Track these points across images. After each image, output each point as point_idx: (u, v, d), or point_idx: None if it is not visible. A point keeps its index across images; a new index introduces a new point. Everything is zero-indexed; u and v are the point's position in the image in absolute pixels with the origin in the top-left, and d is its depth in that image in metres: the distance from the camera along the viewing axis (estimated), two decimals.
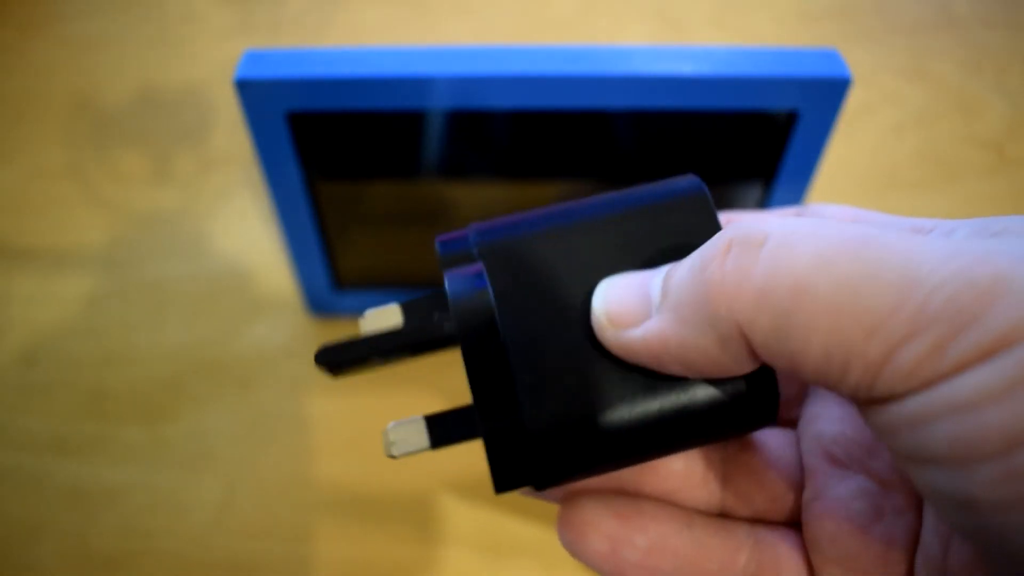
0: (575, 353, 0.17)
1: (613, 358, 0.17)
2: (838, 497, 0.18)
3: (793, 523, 0.19)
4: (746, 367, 0.15)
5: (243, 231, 0.37)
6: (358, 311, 0.34)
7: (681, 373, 0.16)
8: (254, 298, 0.34)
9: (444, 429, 0.18)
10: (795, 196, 0.28)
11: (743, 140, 0.27)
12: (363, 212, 0.30)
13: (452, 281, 0.17)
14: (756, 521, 0.19)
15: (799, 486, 0.19)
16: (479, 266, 0.17)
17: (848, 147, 0.40)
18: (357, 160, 0.28)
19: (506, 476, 0.17)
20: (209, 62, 0.44)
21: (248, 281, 0.35)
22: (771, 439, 0.20)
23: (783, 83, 0.24)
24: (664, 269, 0.16)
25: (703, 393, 0.17)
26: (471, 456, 0.30)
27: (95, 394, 0.32)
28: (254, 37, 0.45)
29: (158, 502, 0.29)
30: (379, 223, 0.31)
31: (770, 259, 0.14)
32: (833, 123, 0.26)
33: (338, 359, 0.18)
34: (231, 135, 0.40)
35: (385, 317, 0.19)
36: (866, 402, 0.14)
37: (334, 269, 0.32)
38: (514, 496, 0.29)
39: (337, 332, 0.33)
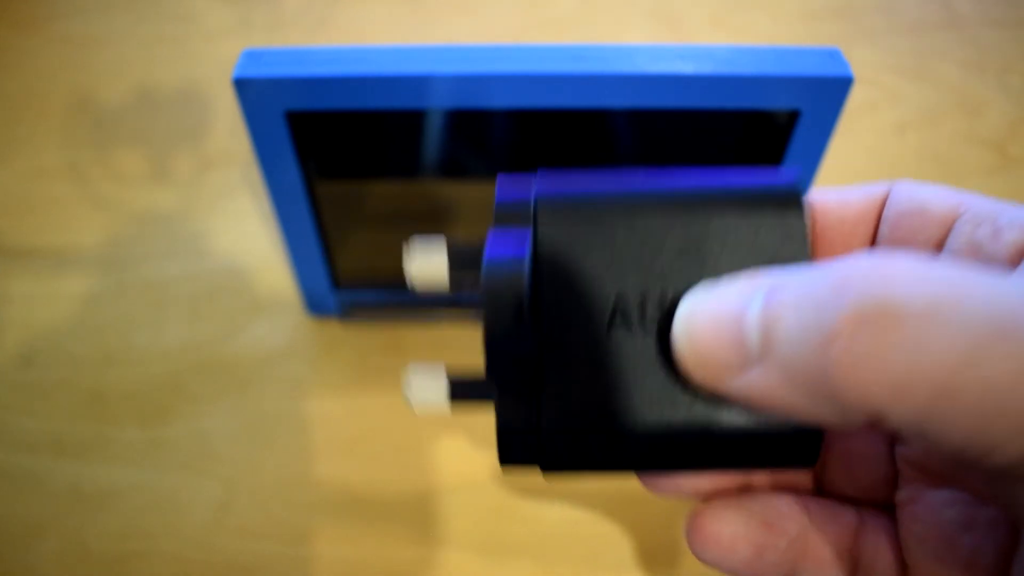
0: (628, 351, 0.16)
1: (662, 364, 0.16)
2: (930, 503, 0.17)
3: (885, 507, 0.18)
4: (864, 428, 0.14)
5: (242, 231, 0.36)
6: (358, 311, 0.33)
7: (783, 418, 0.15)
8: (253, 298, 0.34)
9: (464, 386, 0.17)
10: None
11: (744, 139, 0.27)
12: (362, 212, 0.30)
13: (493, 244, 0.16)
14: (852, 501, 0.19)
15: (891, 480, 0.18)
16: (526, 233, 0.16)
17: (849, 146, 0.40)
18: (356, 159, 0.28)
19: (512, 455, 0.16)
20: (208, 61, 0.44)
21: (247, 281, 0.35)
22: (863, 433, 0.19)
23: (784, 82, 0.24)
24: (754, 300, 0.14)
25: (751, 426, 0.16)
26: (471, 456, 0.30)
27: (94, 394, 0.32)
28: (253, 36, 0.45)
29: (157, 502, 0.29)
30: (378, 223, 0.31)
31: (910, 350, 0.12)
32: (835, 122, 0.25)
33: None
34: (230, 134, 0.40)
35: (430, 259, 0.18)
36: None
37: (333, 269, 0.32)
38: (511, 496, 0.29)
39: (337, 332, 0.33)
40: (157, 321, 0.34)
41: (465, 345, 0.33)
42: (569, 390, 0.16)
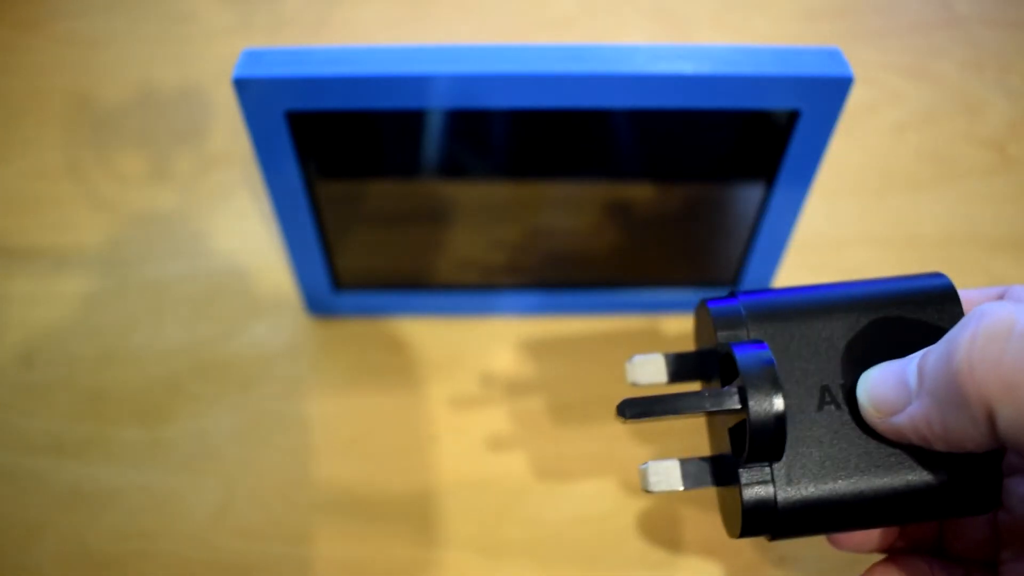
0: (829, 428, 0.20)
1: (861, 436, 0.20)
2: None
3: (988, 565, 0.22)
4: (989, 439, 0.17)
5: (242, 231, 0.36)
6: (357, 311, 0.33)
7: (947, 449, 0.18)
8: (253, 298, 0.34)
9: (699, 475, 0.21)
10: (796, 195, 0.28)
11: (744, 139, 0.27)
12: (362, 212, 0.30)
13: (744, 358, 0.19)
14: (959, 560, 0.22)
15: (994, 541, 0.22)
16: (763, 346, 0.20)
17: (849, 146, 0.40)
18: (356, 159, 0.28)
19: (752, 529, 0.20)
20: (208, 61, 0.44)
21: (247, 281, 0.35)
22: None
23: (784, 82, 0.24)
24: (916, 356, 0.18)
25: (938, 477, 0.19)
26: (471, 456, 0.30)
27: (94, 394, 0.32)
28: (253, 36, 0.45)
29: (157, 502, 0.29)
30: (379, 223, 0.31)
31: (1016, 352, 0.16)
32: (835, 122, 0.25)
33: (639, 412, 0.20)
34: (230, 135, 0.40)
35: (650, 367, 0.22)
36: None
37: (333, 269, 0.32)
38: (511, 497, 0.29)
39: (337, 332, 0.33)
40: (157, 321, 0.34)
41: (468, 345, 0.33)
42: (800, 467, 0.19)
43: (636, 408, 0.20)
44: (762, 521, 0.20)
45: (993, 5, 0.47)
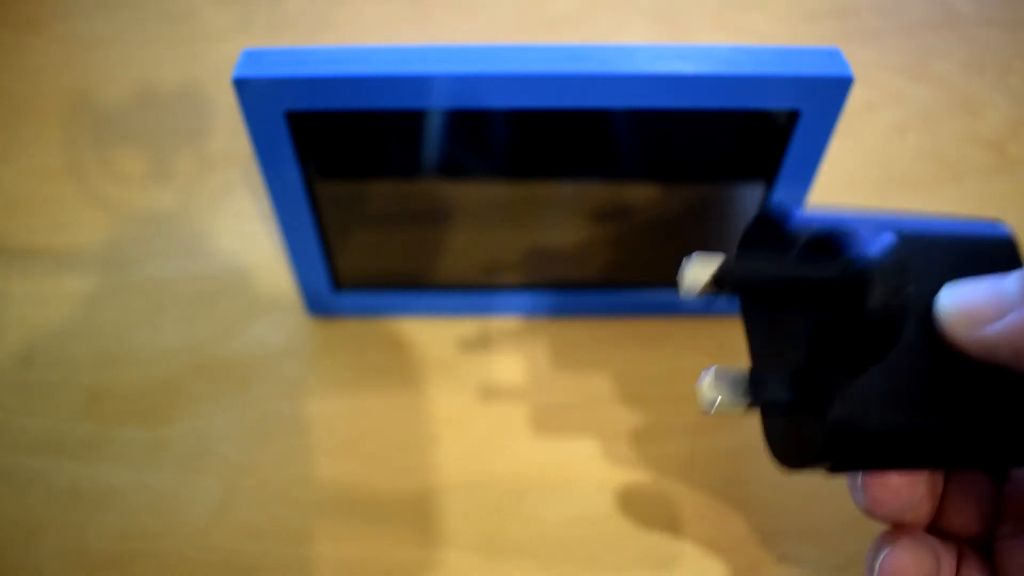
0: (903, 358, 0.17)
1: (939, 364, 0.18)
2: None
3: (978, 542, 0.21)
4: None
5: (242, 231, 0.36)
6: (357, 311, 0.33)
7: None
8: (253, 298, 0.34)
9: (768, 388, 0.18)
10: (797, 196, 0.28)
11: (744, 139, 0.27)
12: (363, 212, 0.30)
13: (866, 242, 0.17)
14: (954, 537, 0.21)
15: (993, 516, 0.21)
16: (889, 237, 0.17)
17: (849, 146, 0.40)
18: (356, 159, 0.28)
19: (830, 454, 0.17)
20: (208, 61, 0.44)
21: (247, 281, 0.35)
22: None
23: (784, 82, 0.24)
24: (1014, 273, 0.17)
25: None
26: (471, 456, 0.30)
27: (93, 394, 0.32)
28: (253, 36, 0.45)
29: (157, 503, 0.29)
30: (379, 223, 0.31)
31: None
32: (835, 122, 0.25)
33: (744, 275, 0.17)
34: (230, 135, 0.40)
35: (708, 263, 0.18)
36: None
37: (333, 269, 0.32)
38: (511, 497, 0.29)
39: (337, 332, 0.33)
40: (156, 321, 0.34)
41: (468, 345, 0.33)
42: (878, 390, 0.17)
43: (741, 271, 0.17)
44: (847, 445, 0.17)
45: (993, 5, 0.47)
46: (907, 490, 0.20)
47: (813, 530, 0.28)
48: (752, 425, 0.31)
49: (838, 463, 0.18)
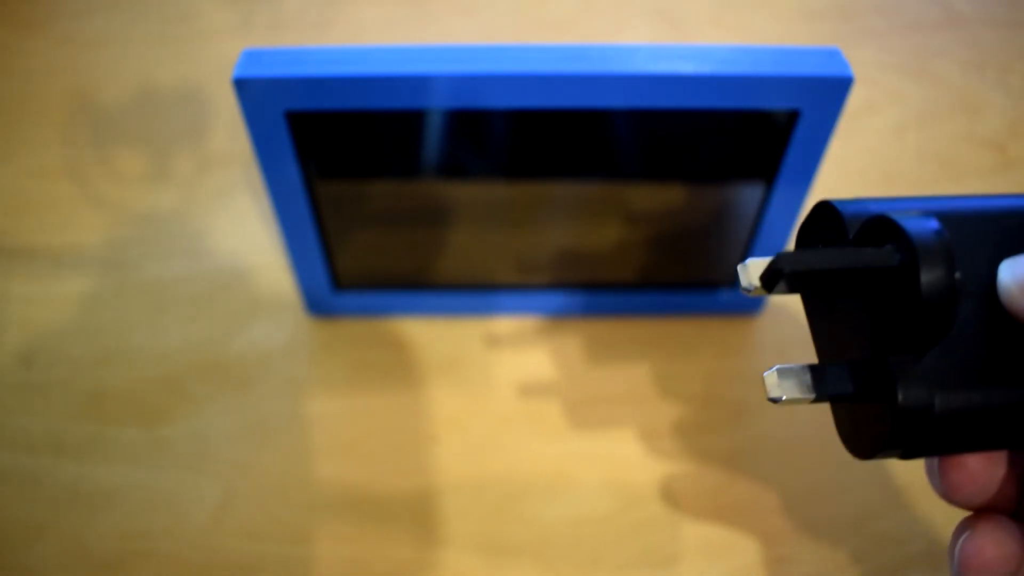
0: (971, 332, 0.17)
1: (1007, 338, 0.17)
2: None
3: None
4: None
5: (242, 231, 0.36)
6: (357, 311, 0.33)
7: None
8: (253, 298, 0.34)
9: (834, 380, 0.18)
10: (796, 196, 0.28)
11: (744, 139, 0.27)
12: (363, 212, 0.30)
13: (912, 225, 0.17)
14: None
15: None
16: (935, 222, 0.17)
17: (849, 146, 0.40)
18: (356, 159, 0.28)
19: (902, 441, 0.17)
20: (208, 61, 0.44)
21: (247, 281, 0.35)
22: None
23: (784, 82, 0.24)
24: None
25: None
26: (471, 456, 0.30)
27: (93, 394, 0.32)
28: (253, 36, 0.45)
29: (156, 503, 0.29)
30: (379, 223, 0.31)
31: None
32: (835, 122, 0.25)
33: (795, 263, 0.17)
34: (230, 135, 0.40)
35: (760, 266, 0.18)
36: None
37: (333, 269, 0.32)
38: (511, 497, 0.29)
39: (337, 332, 0.33)
40: (156, 321, 0.34)
41: (468, 345, 0.33)
42: (946, 369, 0.17)
43: (791, 260, 0.17)
44: (916, 429, 0.17)
45: (993, 5, 0.47)
46: (985, 473, 0.20)
47: (813, 530, 0.28)
48: (751, 425, 0.31)
49: (909, 449, 0.18)
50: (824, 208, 0.19)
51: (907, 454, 0.18)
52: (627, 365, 0.33)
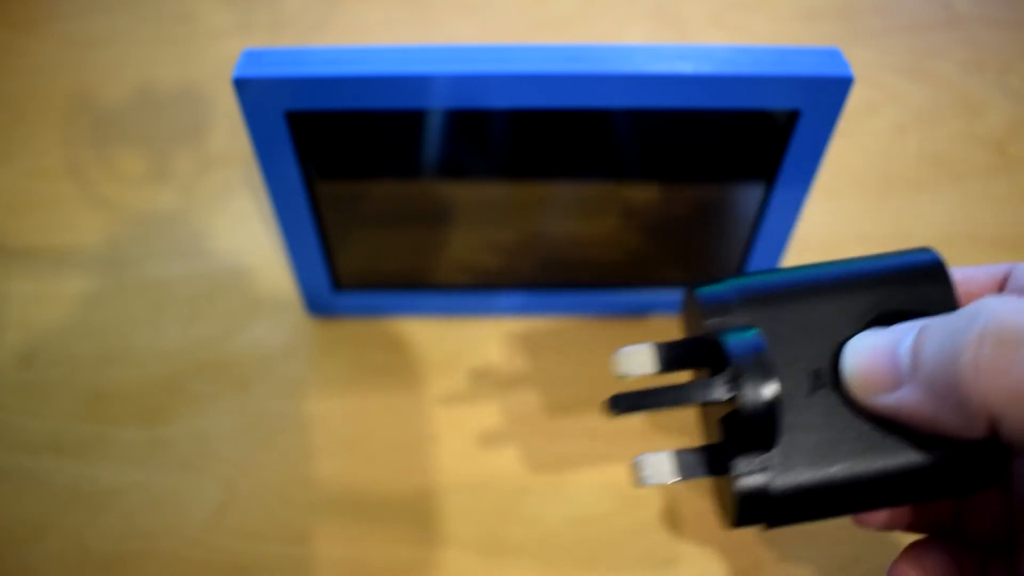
0: (821, 413, 0.19)
1: (855, 418, 0.19)
2: None
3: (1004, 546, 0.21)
4: (986, 434, 0.17)
5: (242, 231, 0.36)
6: (357, 311, 0.33)
7: (929, 434, 0.18)
8: (253, 298, 0.34)
9: (692, 466, 0.20)
10: (796, 196, 0.28)
11: (744, 140, 0.27)
12: (363, 212, 0.30)
13: (733, 345, 0.19)
14: (976, 540, 0.21)
15: (1008, 518, 0.21)
16: (756, 334, 0.19)
17: (849, 146, 0.40)
18: (356, 159, 0.28)
19: (747, 519, 0.19)
20: (208, 61, 0.44)
21: (247, 281, 0.35)
22: None
23: (784, 82, 0.24)
24: (908, 335, 0.17)
25: (936, 455, 0.18)
26: (471, 456, 0.30)
27: (94, 394, 0.32)
28: (253, 36, 0.45)
29: (157, 502, 0.29)
30: (379, 223, 0.31)
31: None
32: (835, 122, 0.25)
33: (629, 406, 0.20)
34: (230, 135, 0.40)
35: (639, 358, 0.21)
36: None
37: (333, 269, 0.32)
38: (511, 497, 0.29)
39: (337, 332, 0.33)
40: (156, 321, 0.34)
41: (468, 345, 0.33)
42: (793, 454, 0.19)
43: (626, 403, 0.20)
44: (756, 510, 0.19)
45: (993, 5, 0.47)
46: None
47: (813, 530, 0.28)
48: None
49: (770, 523, 0.19)
50: (690, 295, 0.21)
51: (770, 526, 0.20)
52: None
